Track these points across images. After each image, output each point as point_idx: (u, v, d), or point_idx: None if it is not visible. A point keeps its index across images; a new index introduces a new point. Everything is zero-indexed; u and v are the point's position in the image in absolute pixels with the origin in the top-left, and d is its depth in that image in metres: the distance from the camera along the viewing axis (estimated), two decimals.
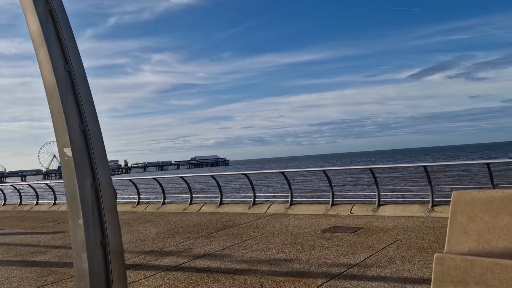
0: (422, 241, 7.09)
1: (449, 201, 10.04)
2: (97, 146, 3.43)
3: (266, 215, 11.33)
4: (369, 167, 10.35)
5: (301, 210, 11.35)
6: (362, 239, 7.62)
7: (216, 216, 11.85)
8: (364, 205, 10.75)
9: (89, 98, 3.42)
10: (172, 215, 12.91)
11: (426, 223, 8.60)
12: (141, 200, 15.41)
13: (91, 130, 3.37)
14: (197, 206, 13.56)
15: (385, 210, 10.15)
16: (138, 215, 13.38)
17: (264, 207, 12.13)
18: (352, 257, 6.38)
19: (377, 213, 10.14)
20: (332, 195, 11.15)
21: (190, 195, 13.92)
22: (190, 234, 9.36)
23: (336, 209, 10.88)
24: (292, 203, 11.79)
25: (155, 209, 14.32)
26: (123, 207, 15.31)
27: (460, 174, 15.80)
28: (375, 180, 10.44)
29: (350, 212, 10.53)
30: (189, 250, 7.73)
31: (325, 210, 10.98)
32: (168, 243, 8.55)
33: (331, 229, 8.73)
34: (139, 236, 9.63)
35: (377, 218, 9.67)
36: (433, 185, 9.77)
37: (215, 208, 13.00)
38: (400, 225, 8.60)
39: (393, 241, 7.28)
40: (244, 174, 12.66)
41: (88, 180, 3.37)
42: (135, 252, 7.97)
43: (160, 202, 14.60)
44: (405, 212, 9.78)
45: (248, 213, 11.96)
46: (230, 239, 8.45)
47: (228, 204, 13.12)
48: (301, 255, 6.78)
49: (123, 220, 12.50)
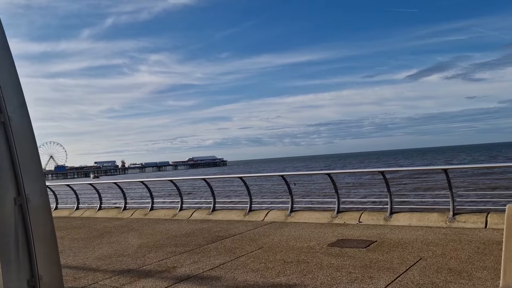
0: (452, 261, 5.88)
1: (471, 209, 8.76)
2: (24, 144, 2.24)
3: (263, 224, 10.11)
4: (380, 170, 9.13)
5: (303, 218, 10.13)
6: (377, 256, 6.41)
7: (208, 224, 10.63)
8: (374, 212, 9.54)
9: (12, 76, 2.24)
10: (159, 222, 11.67)
11: (450, 236, 7.40)
12: (128, 206, 14.16)
13: (14, 121, 2.18)
14: (188, 212, 12.32)
15: (398, 219, 8.95)
16: (123, 222, 12.14)
17: (261, 214, 10.91)
18: (369, 283, 5.17)
19: (389, 222, 8.93)
20: (338, 201, 9.94)
21: (180, 200, 12.68)
22: (176, 248, 8.13)
23: (343, 217, 9.67)
24: (292, 210, 10.57)
25: (142, 215, 13.08)
26: (107, 213, 14.06)
27: (481, 179, 14.59)
28: (387, 184, 9.23)
29: (359, 220, 9.32)
30: (172, 270, 6.51)
31: (330, 218, 9.77)
32: (149, 259, 7.32)
33: (339, 243, 7.52)
34: (118, 249, 8.40)
35: (390, 228, 8.46)
36: (454, 191, 8.58)
37: (207, 215, 11.77)
38: (419, 238, 7.40)
39: (415, 259, 6.08)
40: (239, 177, 11.42)
41: (8, 194, 2.17)
42: (108, 271, 6.74)
43: (148, 208, 13.37)
44: (422, 222, 8.58)
45: (244, 221, 10.74)
46: (221, 255, 7.24)
47: (222, 211, 11.88)
48: (306, 278, 5.57)
49: (105, 228, 11.27)
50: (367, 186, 15.57)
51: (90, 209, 14.97)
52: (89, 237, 10.14)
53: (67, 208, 15.94)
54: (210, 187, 12.09)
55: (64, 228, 11.87)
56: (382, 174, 9.16)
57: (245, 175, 11.38)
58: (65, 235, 10.64)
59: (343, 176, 16.92)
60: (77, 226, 12.20)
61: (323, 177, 12.28)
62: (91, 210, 14.80)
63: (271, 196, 13.22)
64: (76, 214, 14.78)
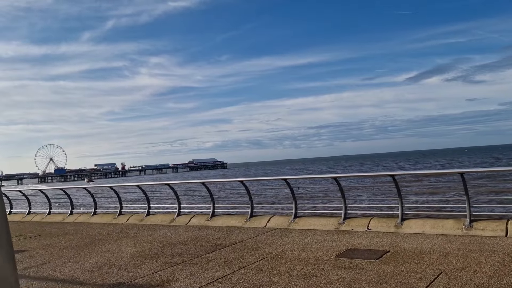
0: (477, 276, 5.29)
1: (488, 215, 8.10)
2: None
3: (266, 231, 9.52)
4: (391, 174, 8.53)
5: (308, 225, 9.54)
6: (392, 269, 5.82)
7: (207, 231, 10.04)
8: (384, 218, 8.94)
9: None
10: (156, 228, 11.08)
11: (469, 246, 6.80)
12: (124, 210, 13.57)
13: None
14: (186, 218, 11.72)
15: (410, 226, 8.35)
16: (117, 229, 11.55)
17: (263, 220, 10.31)
18: None
19: (401, 229, 8.34)
20: (345, 206, 9.35)
21: (178, 205, 12.09)
22: (172, 258, 7.54)
23: (350, 223, 9.08)
24: (296, 216, 9.98)
25: (138, 221, 12.49)
26: (102, 218, 13.46)
27: (497, 182, 13.98)
28: (398, 189, 8.64)
29: (367, 227, 8.73)
30: (166, 284, 5.91)
31: (337, 224, 9.18)
32: (142, 271, 6.73)
33: (349, 253, 6.92)
34: (110, 259, 7.80)
35: (403, 236, 7.86)
36: (470, 196, 7.99)
37: (206, 221, 11.18)
38: (436, 248, 6.80)
39: (436, 273, 5.48)
40: (240, 181, 10.84)
41: None
42: (96, 285, 6.15)
43: (145, 213, 12.78)
44: (437, 229, 7.98)
45: (245, 228, 10.14)
46: (221, 266, 6.64)
47: (222, 216, 11.29)
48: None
49: (98, 235, 10.68)
50: (373, 189, 14.91)
51: (85, 214, 14.38)
52: (80, 245, 9.55)
53: (60, 213, 15.35)
54: (209, 191, 11.50)
55: (55, 235, 11.29)
56: (393, 177, 8.56)
57: (246, 178, 10.78)
58: (56, 243, 10.06)
59: (346, 179, 16.26)
60: (69, 232, 11.61)
61: (327, 180, 11.67)
62: (85, 215, 14.22)
63: (274, 201, 12.62)
64: (70, 219, 14.19)
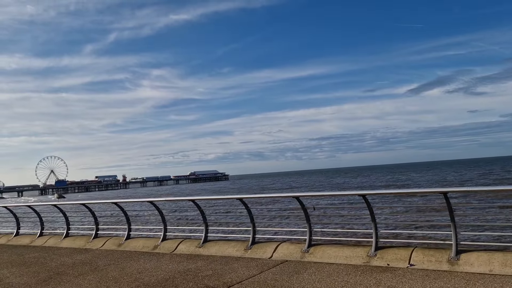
0: None
1: None
2: None
3: (272, 264, 7.30)
4: (443, 191, 6.31)
5: (327, 256, 7.32)
6: None
7: (197, 264, 7.82)
8: (431, 250, 6.70)
9: None
10: (134, 258, 8.86)
11: None
12: (100, 232, 11.36)
13: None
14: (173, 243, 9.50)
15: (471, 261, 6.12)
16: (88, 257, 9.32)
17: (268, 249, 8.10)
18: None
19: (458, 266, 6.11)
20: (375, 232, 7.14)
21: (163, 227, 9.88)
22: None
23: (384, 255, 6.85)
24: (311, 244, 7.78)
25: (115, 246, 10.26)
26: (74, 242, 11.23)
27: None
28: (451, 211, 6.43)
29: (409, 262, 6.51)
30: None
31: (367, 257, 6.95)
32: None
33: None
34: None
35: (463, 280, 5.63)
36: None
37: (197, 247, 8.96)
38: None
39: None
40: (239, 198, 8.63)
41: None
42: None
43: (125, 236, 10.56)
44: (509, 268, 5.76)
45: (245, 259, 7.93)
46: None
47: (217, 242, 9.06)
48: None
49: (61, 267, 8.46)
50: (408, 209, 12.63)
51: (56, 236, 12.18)
52: (30, 283, 7.33)
53: (30, 234, 13.15)
54: (200, 210, 9.31)
55: (9, 265, 9.07)
56: (445, 195, 6.35)
57: (246, 196, 8.56)
58: (3, 278, 7.85)
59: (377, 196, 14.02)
60: (28, 261, 9.39)
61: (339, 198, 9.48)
62: (56, 238, 12.00)
63: (281, 223, 10.39)
64: (38, 243, 11.96)
